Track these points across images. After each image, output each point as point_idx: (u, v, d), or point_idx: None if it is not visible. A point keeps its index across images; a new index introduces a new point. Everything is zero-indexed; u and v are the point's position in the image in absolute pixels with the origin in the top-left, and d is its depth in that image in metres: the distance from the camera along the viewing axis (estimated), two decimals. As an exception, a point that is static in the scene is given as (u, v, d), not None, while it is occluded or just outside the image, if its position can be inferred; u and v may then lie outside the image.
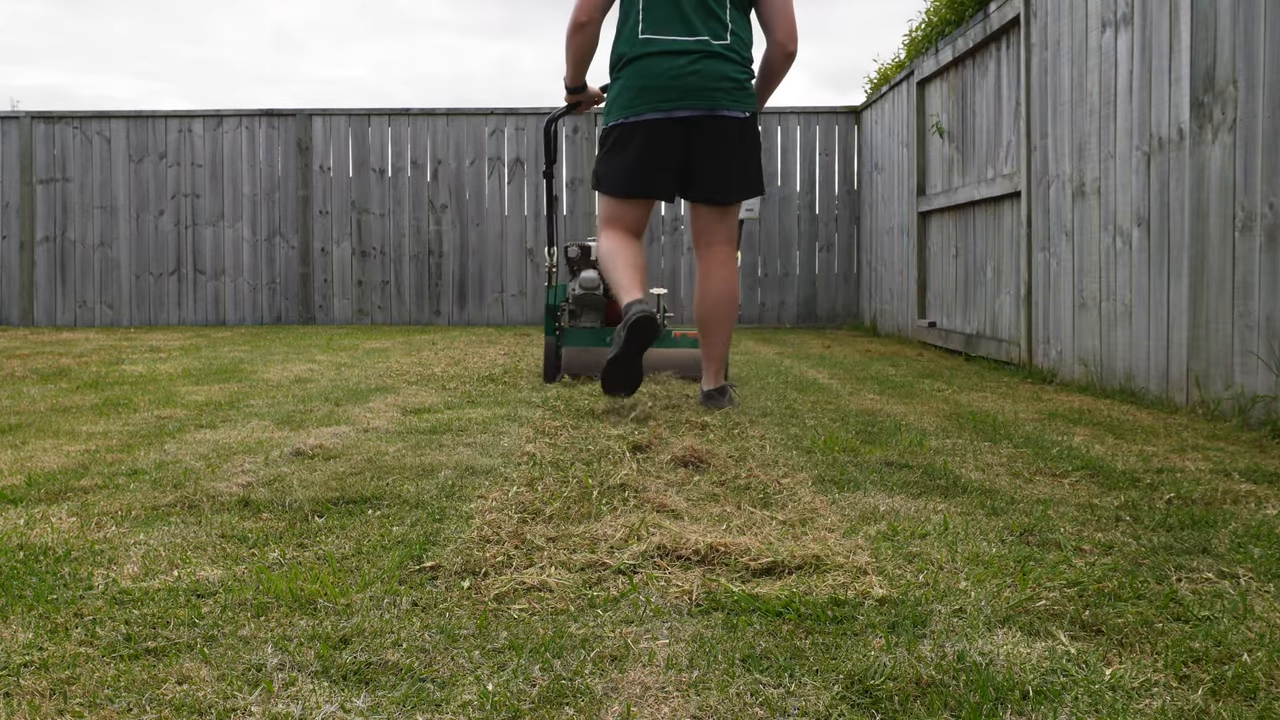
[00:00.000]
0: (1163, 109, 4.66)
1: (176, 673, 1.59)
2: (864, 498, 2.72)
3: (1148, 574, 2.07)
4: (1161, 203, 4.68)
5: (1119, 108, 5.08)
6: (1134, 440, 3.68)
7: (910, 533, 2.36)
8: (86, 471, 3.11)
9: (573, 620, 1.83)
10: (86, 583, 2.02)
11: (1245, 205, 4.03)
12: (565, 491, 2.68)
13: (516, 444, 3.48)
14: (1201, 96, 4.33)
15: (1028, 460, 3.28)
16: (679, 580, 2.01)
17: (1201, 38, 4.33)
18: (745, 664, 1.63)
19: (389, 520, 2.49)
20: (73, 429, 3.95)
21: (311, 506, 2.62)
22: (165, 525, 2.46)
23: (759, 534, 2.29)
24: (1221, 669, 1.59)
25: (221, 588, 1.99)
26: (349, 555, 2.21)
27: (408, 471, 3.04)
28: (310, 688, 1.55)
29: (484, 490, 2.79)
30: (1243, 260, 4.05)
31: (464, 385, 5.25)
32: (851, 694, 1.52)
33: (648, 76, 3.98)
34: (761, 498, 2.68)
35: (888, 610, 1.85)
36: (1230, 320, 4.13)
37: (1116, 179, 5.11)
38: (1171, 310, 4.60)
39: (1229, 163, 4.14)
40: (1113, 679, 1.56)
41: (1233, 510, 2.60)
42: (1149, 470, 3.11)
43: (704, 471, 2.97)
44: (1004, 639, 1.71)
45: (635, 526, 2.29)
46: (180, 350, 7.81)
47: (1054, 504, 2.67)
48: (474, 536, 2.30)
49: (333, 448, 3.40)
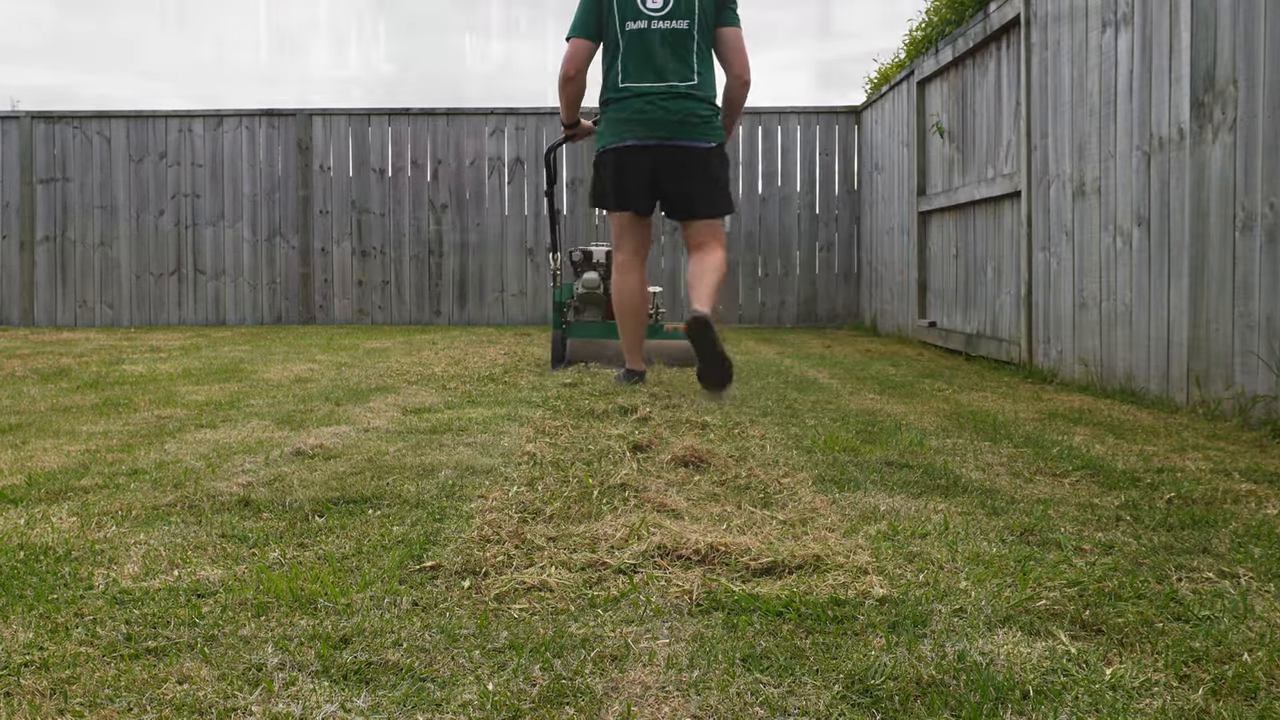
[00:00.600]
0: (1163, 109, 4.66)
1: (177, 672, 1.59)
2: (864, 497, 2.72)
3: (1148, 573, 2.07)
4: (1162, 202, 4.68)
5: (1119, 107, 5.07)
6: (1134, 440, 3.68)
7: (911, 533, 2.36)
8: (87, 471, 3.11)
9: (573, 620, 1.83)
10: (87, 582, 2.02)
11: (1245, 205, 4.03)
12: (565, 491, 2.68)
13: (517, 443, 3.48)
14: (1202, 96, 4.33)
15: (1028, 460, 3.28)
16: (679, 580, 2.01)
17: (1202, 37, 4.33)
18: (745, 663, 1.63)
19: (389, 520, 2.49)
20: (73, 429, 3.95)
21: (312, 506, 2.62)
22: (165, 525, 2.46)
23: (759, 534, 2.29)
24: (1222, 668, 1.59)
25: (222, 587, 1.99)
26: (349, 555, 2.21)
27: (408, 471, 3.04)
28: (310, 687, 1.55)
29: (484, 490, 2.79)
30: (1243, 260, 4.05)
31: (464, 385, 5.26)
32: (852, 693, 1.53)
33: (625, 112, 4.73)
34: (762, 497, 2.68)
35: (888, 610, 1.85)
36: (1230, 320, 4.13)
37: (1117, 178, 5.11)
38: (1172, 310, 4.60)
39: (1229, 162, 4.14)
40: (1113, 678, 1.56)
41: (1233, 510, 2.60)
42: (1149, 470, 3.11)
43: (704, 471, 2.97)
44: (1004, 639, 1.71)
45: (635, 526, 2.29)
46: (180, 350, 7.81)
47: (1054, 504, 2.67)
48: (474, 536, 2.31)
49: (333, 447, 3.40)
